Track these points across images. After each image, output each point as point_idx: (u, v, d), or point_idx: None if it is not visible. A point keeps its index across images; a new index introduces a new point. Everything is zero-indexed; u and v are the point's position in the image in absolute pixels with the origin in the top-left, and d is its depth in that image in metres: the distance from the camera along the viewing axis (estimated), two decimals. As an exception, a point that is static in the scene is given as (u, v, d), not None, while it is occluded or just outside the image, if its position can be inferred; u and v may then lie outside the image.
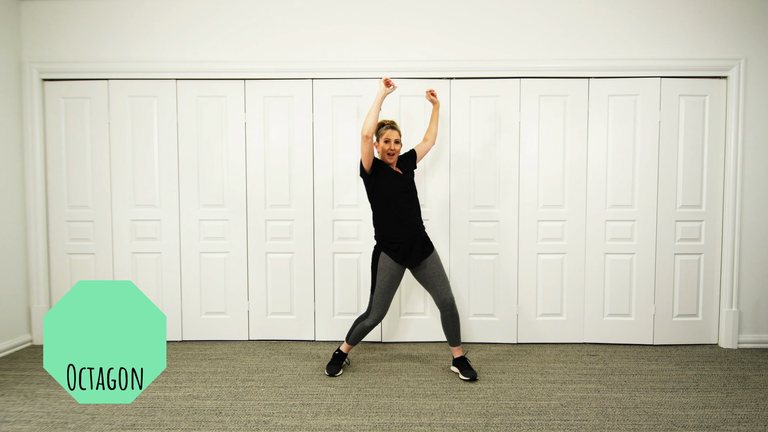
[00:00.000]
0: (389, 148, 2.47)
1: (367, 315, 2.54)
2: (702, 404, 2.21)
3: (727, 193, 3.00)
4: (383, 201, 2.47)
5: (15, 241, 3.02)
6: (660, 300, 3.06)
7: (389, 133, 2.49)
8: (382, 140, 2.48)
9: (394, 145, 2.48)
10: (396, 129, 2.51)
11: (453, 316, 2.51)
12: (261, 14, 3.04)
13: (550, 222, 3.07)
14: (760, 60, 2.97)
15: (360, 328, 2.55)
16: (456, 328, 2.53)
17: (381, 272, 2.49)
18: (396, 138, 2.48)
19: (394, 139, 2.48)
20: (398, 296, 3.12)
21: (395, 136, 2.48)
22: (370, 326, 2.54)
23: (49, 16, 3.06)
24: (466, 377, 2.49)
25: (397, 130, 2.51)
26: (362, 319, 2.55)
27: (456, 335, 2.55)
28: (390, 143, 2.47)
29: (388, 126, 2.52)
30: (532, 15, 3.01)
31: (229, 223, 3.12)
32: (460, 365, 2.54)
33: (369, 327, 2.54)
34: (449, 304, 2.49)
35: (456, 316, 2.52)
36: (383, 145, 2.48)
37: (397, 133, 2.50)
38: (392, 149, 2.48)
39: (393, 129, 2.50)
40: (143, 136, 3.10)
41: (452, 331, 2.53)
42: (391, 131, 2.49)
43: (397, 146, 2.49)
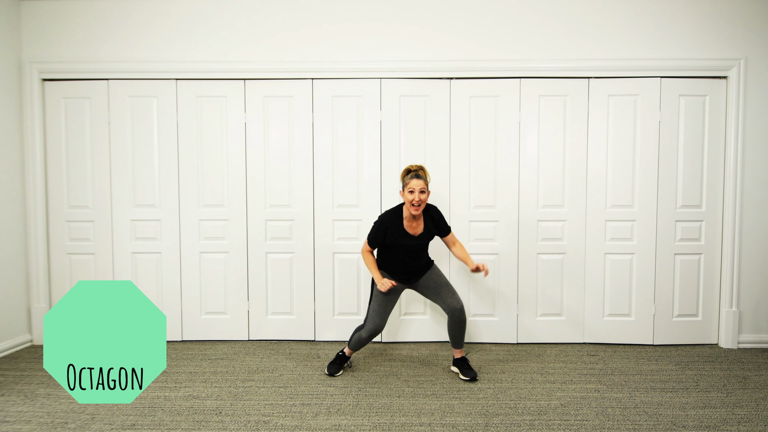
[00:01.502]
0: (414, 199, 2.30)
1: (363, 326, 2.52)
2: (702, 404, 2.21)
3: (727, 193, 3.00)
4: (388, 249, 2.45)
5: (15, 241, 3.02)
6: (660, 300, 3.06)
7: (414, 183, 2.31)
8: (407, 190, 2.32)
9: (419, 196, 2.30)
10: (422, 178, 2.33)
11: (462, 321, 2.47)
12: (261, 14, 3.05)
13: (550, 222, 3.07)
14: (760, 60, 2.97)
15: (357, 338, 2.53)
16: (462, 332, 2.51)
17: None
18: (421, 188, 2.30)
19: (420, 188, 2.30)
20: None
21: (420, 186, 2.30)
22: (366, 338, 2.49)
23: (49, 16, 3.06)
24: (466, 377, 2.49)
25: (424, 179, 2.33)
26: (359, 329, 2.53)
27: (461, 338, 2.53)
28: (415, 194, 2.30)
29: (414, 174, 2.34)
30: (532, 15, 3.01)
31: (229, 223, 3.12)
32: (461, 365, 2.54)
33: (365, 339, 2.50)
34: (459, 310, 2.45)
35: (464, 321, 2.49)
36: (407, 195, 2.32)
37: (422, 183, 2.31)
38: (417, 200, 2.30)
39: (418, 178, 2.32)
40: (143, 136, 3.10)
41: (458, 334, 2.52)
42: (417, 180, 2.31)
43: (423, 196, 2.31)
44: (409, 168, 2.39)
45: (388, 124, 3.06)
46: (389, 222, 2.41)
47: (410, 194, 2.31)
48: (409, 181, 2.33)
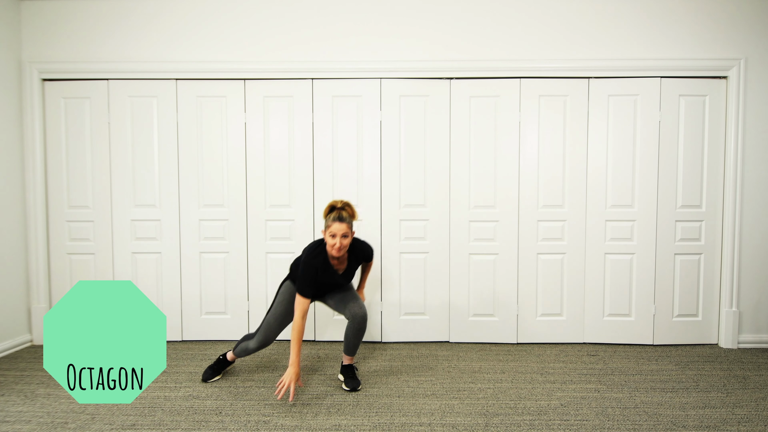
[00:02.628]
0: (336, 245, 2.12)
1: (253, 336, 2.38)
2: (702, 404, 2.21)
3: (727, 193, 3.00)
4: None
5: (15, 241, 3.02)
6: (660, 300, 3.06)
7: (336, 227, 2.12)
8: (328, 233, 2.14)
9: (341, 241, 2.12)
10: (345, 220, 2.13)
11: (362, 329, 2.36)
12: (261, 14, 3.05)
13: (550, 222, 3.07)
14: (760, 60, 2.97)
15: (244, 348, 2.39)
16: (358, 340, 2.39)
17: (281, 296, 2.34)
18: (344, 232, 2.12)
19: (342, 233, 2.12)
20: (398, 296, 3.12)
21: (342, 230, 2.12)
22: (253, 350, 2.37)
23: (49, 16, 3.06)
24: (347, 387, 2.36)
25: (347, 221, 2.14)
26: (248, 338, 2.40)
27: (356, 346, 2.41)
28: (336, 239, 2.12)
29: (336, 216, 2.13)
30: (532, 15, 3.01)
31: (229, 223, 3.12)
32: (346, 373, 2.42)
33: (252, 350, 2.38)
34: (361, 316, 2.33)
35: (364, 329, 2.37)
36: (329, 239, 2.14)
37: (344, 227, 2.12)
38: (339, 246, 2.13)
39: (341, 221, 2.12)
40: (143, 136, 3.10)
41: (354, 341, 2.39)
42: (338, 225, 2.12)
43: (345, 241, 2.14)
44: (333, 204, 2.20)
45: (388, 124, 3.06)
46: (317, 261, 2.20)
47: (332, 239, 2.13)
48: (330, 223, 2.14)
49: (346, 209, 2.19)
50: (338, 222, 2.13)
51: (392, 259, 3.10)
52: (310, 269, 2.17)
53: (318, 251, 2.22)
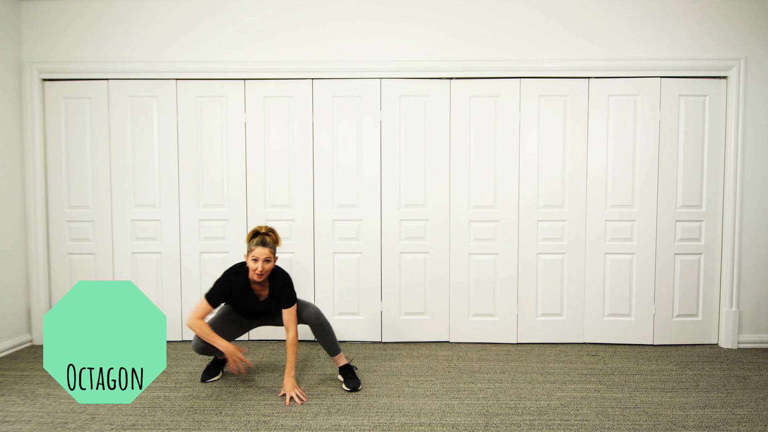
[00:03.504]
0: (257, 269, 2.15)
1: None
2: (702, 404, 2.21)
3: (727, 193, 3.00)
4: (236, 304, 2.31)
5: (15, 241, 3.02)
6: (660, 300, 3.06)
7: (258, 251, 2.15)
8: (251, 257, 2.17)
9: (263, 266, 2.15)
10: (268, 245, 2.17)
11: (322, 323, 2.35)
12: (261, 14, 3.05)
13: (550, 222, 3.07)
14: (760, 60, 2.97)
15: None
16: (330, 336, 2.37)
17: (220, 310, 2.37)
18: (266, 257, 2.16)
19: (264, 257, 2.15)
20: (398, 296, 3.12)
21: (265, 255, 2.16)
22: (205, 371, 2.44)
23: (49, 16, 3.06)
24: (348, 387, 2.35)
25: (270, 247, 2.18)
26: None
27: (332, 343, 2.38)
28: (258, 263, 2.15)
29: (259, 241, 2.16)
30: (533, 14, 3.01)
31: (229, 223, 3.12)
32: (345, 373, 2.41)
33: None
34: (314, 314, 2.34)
35: (325, 323, 2.35)
36: (251, 263, 2.17)
37: (267, 252, 2.17)
38: (261, 270, 2.16)
39: (264, 245, 2.16)
40: (143, 136, 3.10)
41: (327, 338, 2.37)
42: (261, 249, 2.15)
43: (267, 266, 2.17)
44: (257, 230, 2.23)
45: (388, 124, 3.06)
46: (237, 279, 2.24)
47: (254, 262, 2.16)
48: (253, 248, 2.17)
49: (270, 235, 2.22)
50: (261, 246, 2.17)
51: (392, 259, 3.10)
52: (225, 282, 2.23)
53: (240, 270, 2.27)
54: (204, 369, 2.52)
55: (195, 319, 2.19)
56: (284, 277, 2.32)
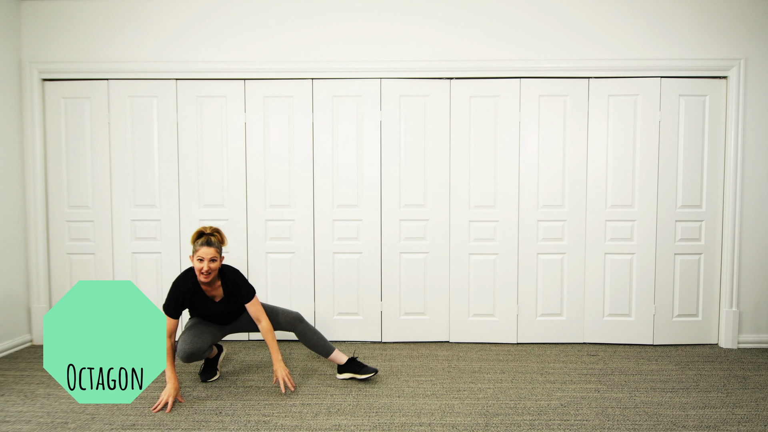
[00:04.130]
0: (203, 268, 2.14)
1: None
2: (702, 404, 2.21)
3: (727, 193, 3.00)
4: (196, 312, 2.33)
5: (15, 241, 3.02)
6: (660, 300, 3.06)
7: (203, 251, 2.14)
8: (196, 258, 2.16)
9: (208, 265, 2.14)
10: (213, 245, 2.17)
11: (302, 322, 2.40)
12: (261, 14, 3.05)
13: (550, 222, 3.07)
14: (760, 60, 2.97)
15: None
16: (318, 336, 2.42)
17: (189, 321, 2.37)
18: (212, 256, 2.15)
19: (209, 257, 2.15)
20: (398, 296, 3.12)
21: (210, 254, 2.15)
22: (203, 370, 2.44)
23: (49, 16, 3.06)
24: (368, 374, 2.39)
25: (215, 246, 2.17)
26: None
27: (324, 343, 2.42)
28: (204, 263, 2.14)
29: (204, 241, 2.16)
30: (533, 14, 3.01)
31: (229, 223, 3.12)
32: (353, 368, 2.43)
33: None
34: (297, 319, 2.39)
35: (306, 323, 2.42)
36: (196, 263, 2.15)
37: (213, 251, 2.15)
38: (207, 269, 2.15)
39: (209, 245, 2.15)
40: (143, 136, 3.10)
41: (317, 341, 2.41)
42: (206, 249, 2.14)
43: (213, 265, 2.16)
44: (202, 230, 2.21)
45: (388, 124, 3.06)
46: (185, 286, 2.23)
47: (199, 262, 2.15)
48: (198, 248, 2.15)
49: (215, 235, 2.22)
50: (206, 246, 2.16)
51: (392, 259, 3.10)
52: (176, 293, 2.22)
53: (187, 276, 2.26)
54: (200, 370, 2.52)
55: (169, 339, 2.19)
56: (234, 274, 2.31)
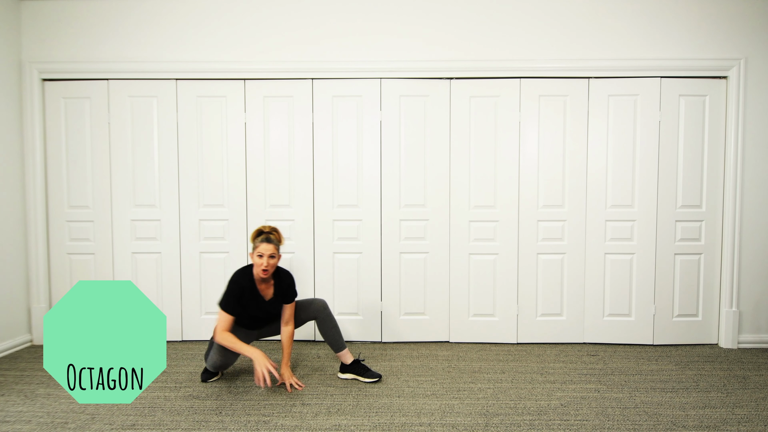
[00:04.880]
0: (263, 264, 2.20)
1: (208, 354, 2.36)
2: (702, 404, 2.21)
3: (727, 193, 3.00)
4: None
5: (15, 241, 3.02)
6: (660, 300, 3.06)
7: (263, 247, 2.21)
8: (256, 254, 2.22)
9: (268, 261, 2.21)
10: (272, 242, 2.23)
11: (329, 316, 2.44)
12: (261, 14, 3.05)
13: (550, 222, 3.07)
14: (760, 60, 2.97)
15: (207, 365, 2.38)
16: (337, 328, 2.44)
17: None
18: (271, 252, 2.21)
19: (269, 253, 2.21)
20: (398, 296, 3.12)
21: (270, 251, 2.21)
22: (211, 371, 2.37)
23: (49, 16, 3.06)
24: (373, 378, 2.42)
25: (274, 243, 2.23)
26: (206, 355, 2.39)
27: (339, 336, 2.44)
28: (264, 258, 2.21)
29: (264, 238, 2.23)
30: (533, 14, 3.01)
31: (229, 223, 3.12)
32: (358, 369, 2.46)
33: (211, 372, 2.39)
34: (323, 306, 2.43)
35: (332, 315, 2.45)
36: (256, 259, 2.22)
37: (272, 248, 2.22)
38: (267, 265, 2.21)
39: (269, 242, 2.22)
40: (143, 136, 3.10)
41: (334, 332, 2.43)
42: (266, 245, 2.21)
43: (273, 261, 2.23)
44: (261, 229, 2.27)
45: (388, 124, 3.06)
46: (245, 281, 2.27)
47: (259, 258, 2.22)
48: (258, 244, 2.22)
49: (273, 233, 2.27)
50: (266, 243, 2.23)
51: (392, 259, 3.10)
52: (236, 287, 2.25)
53: (245, 273, 2.30)
54: (203, 369, 2.52)
55: (222, 332, 2.21)
56: (288, 276, 2.40)
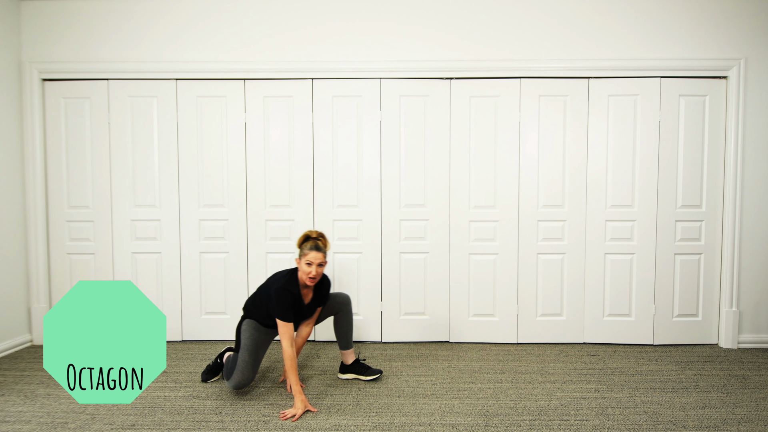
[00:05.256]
0: (311, 273, 2.17)
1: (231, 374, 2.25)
2: (702, 404, 2.21)
3: (727, 193, 3.00)
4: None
5: (15, 241, 3.02)
6: (660, 300, 3.06)
7: (313, 255, 2.17)
8: (304, 261, 2.18)
9: (316, 270, 2.18)
10: (321, 249, 2.19)
11: (350, 311, 2.46)
12: (261, 14, 3.05)
13: (550, 222, 3.07)
14: (760, 60, 2.97)
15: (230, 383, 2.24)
16: (351, 327, 2.46)
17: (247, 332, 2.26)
18: (320, 261, 2.18)
19: (318, 262, 2.17)
20: (398, 296, 3.12)
21: (320, 259, 2.18)
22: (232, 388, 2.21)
23: (49, 16, 3.06)
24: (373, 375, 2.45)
25: (323, 251, 2.20)
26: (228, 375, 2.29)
27: (350, 335, 2.46)
28: (312, 267, 2.17)
29: (313, 245, 2.18)
30: (533, 14, 3.01)
31: (229, 223, 3.12)
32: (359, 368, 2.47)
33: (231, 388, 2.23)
34: (347, 301, 2.44)
35: (351, 310, 2.47)
36: (304, 266, 2.18)
37: (321, 256, 2.18)
38: (315, 274, 2.18)
39: (318, 250, 2.18)
40: (143, 136, 3.10)
41: (348, 330, 2.45)
42: (316, 253, 2.17)
43: (321, 269, 2.20)
44: (308, 234, 2.23)
45: (388, 124, 3.06)
46: (295, 288, 2.23)
47: (308, 266, 2.18)
48: (308, 252, 2.18)
49: (321, 240, 2.24)
50: (315, 251, 2.19)
51: (392, 259, 3.10)
52: (288, 295, 2.18)
53: (292, 279, 2.24)
54: (204, 370, 2.52)
55: (290, 348, 2.15)
56: (328, 282, 2.41)
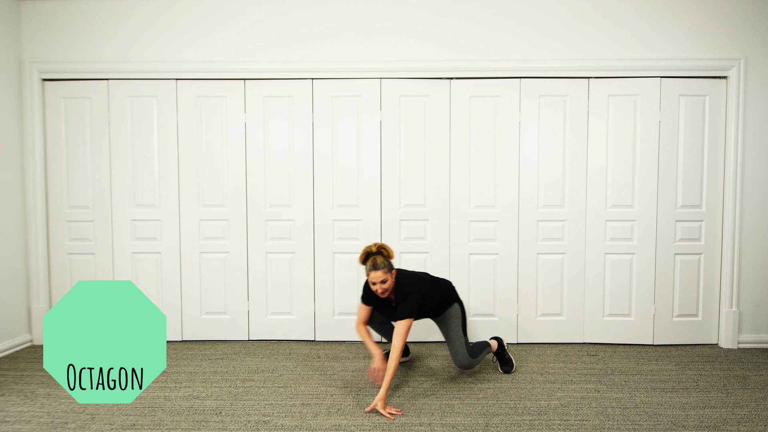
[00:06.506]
0: (377, 290, 2.25)
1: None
2: (702, 404, 2.21)
3: (727, 193, 3.00)
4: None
5: (15, 241, 3.02)
6: (660, 300, 3.06)
7: (373, 275, 2.22)
8: (369, 281, 2.26)
9: (380, 287, 2.23)
10: (378, 267, 2.21)
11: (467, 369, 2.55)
12: (261, 14, 3.05)
13: (550, 222, 3.07)
14: (760, 60, 2.97)
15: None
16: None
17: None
18: (381, 279, 2.21)
19: (380, 280, 2.22)
20: (398, 296, 3.12)
21: (380, 278, 2.21)
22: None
23: (49, 16, 3.06)
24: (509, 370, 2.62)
25: (380, 269, 2.21)
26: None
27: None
28: (376, 285, 2.23)
29: (371, 266, 2.22)
30: (532, 14, 3.01)
31: (229, 223, 3.12)
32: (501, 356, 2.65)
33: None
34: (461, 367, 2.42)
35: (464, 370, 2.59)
36: (371, 285, 2.26)
37: (380, 274, 2.21)
38: (381, 290, 2.25)
39: (375, 269, 2.21)
40: (143, 136, 3.10)
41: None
42: (375, 273, 2.21)
43: (386, 285, 2.23)
44: (368, 251, 2.27)
45: (388, 124, 3.06)
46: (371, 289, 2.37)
47: (372, 286, 2.25)
48: (368, 272, 2.24)
49: (378, 256, 2.25)
50: (373, 271, 2.23)
51: (393, 260, 3.10)
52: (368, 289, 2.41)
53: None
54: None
55: (359, 324, 2.43)
56: (405, 292, 2.28)
